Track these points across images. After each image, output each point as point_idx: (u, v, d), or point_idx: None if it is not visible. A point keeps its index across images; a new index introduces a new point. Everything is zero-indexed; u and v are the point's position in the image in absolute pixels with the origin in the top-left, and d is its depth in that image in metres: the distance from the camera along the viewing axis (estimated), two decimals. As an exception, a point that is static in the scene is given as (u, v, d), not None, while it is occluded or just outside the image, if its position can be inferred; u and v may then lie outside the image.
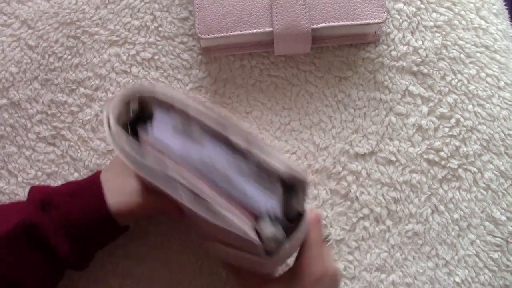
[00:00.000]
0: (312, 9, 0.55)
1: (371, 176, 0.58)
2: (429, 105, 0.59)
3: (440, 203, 0.58)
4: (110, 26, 0.60)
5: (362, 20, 0.55)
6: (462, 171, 0.58)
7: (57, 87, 0.60)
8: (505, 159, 0.58)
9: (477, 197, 0.58)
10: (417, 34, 0.60)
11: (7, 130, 0.59)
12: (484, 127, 0.59)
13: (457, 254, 0.57)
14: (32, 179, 0.59)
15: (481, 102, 0.59)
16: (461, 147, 0.59)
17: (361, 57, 0.60)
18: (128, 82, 0.60)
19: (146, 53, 0.60)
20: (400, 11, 0.60)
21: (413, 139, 0.59)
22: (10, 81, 0.60)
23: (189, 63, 0.60)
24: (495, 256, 0.57)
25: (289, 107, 0.59)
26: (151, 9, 0.60)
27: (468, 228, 0.58)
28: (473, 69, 0.59)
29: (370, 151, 0.59)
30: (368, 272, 0.57)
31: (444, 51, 0.59)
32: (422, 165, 0.58)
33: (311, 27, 0.55)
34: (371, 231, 0.58)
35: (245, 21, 0.55)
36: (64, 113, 0.60)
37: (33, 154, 0.59)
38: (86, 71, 0.60)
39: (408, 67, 0.59)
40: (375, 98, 0.59)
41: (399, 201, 0.58)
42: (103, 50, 0.60)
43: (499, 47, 0.59)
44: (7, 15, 0.60)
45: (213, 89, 0.59)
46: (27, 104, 0.60)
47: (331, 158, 0.59)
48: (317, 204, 0.58)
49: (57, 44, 0.60)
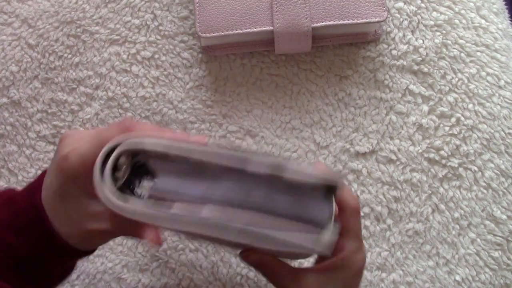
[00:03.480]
0: (312, 8, 0.55)
1: (372, 175, 0.58)
2: (430, 104, 0.59)
3: (440, 202, 0.58)
4: (110, 25, 0.60)
5: (363, 19, 0.55)
6: (463, 170, 0.58)
7: (58, 86, 0.60)
8: (505, 158, 0.58)
9: (477, 196, 0.58)
10: (418, 33, 0.60)
11: (7, 129, 0.59)
12: (484, 126, 0.59)
13: (457, 253, 0.57)
14: (32, 178, 0.59)
15: (482, 101, 0.59)
16: (461, 146, 0.59)
17: (361, 56, 0.60)
18: (128, 81, 0.59)
19: (147, 52, 0.60)
20: (401, 10, 0.60)
21: (413, 138, 0.59)
22: (11, 80, 0.60)
23: (190, 61, 0.60)
24: (496, 255, 0.57)
25: (289, 106, 0.59)
26: (152, 8, 0.60)
27: (468, 227, 0.58)
28: (473, 68, 0.59)
29: (371, 150, 0.59)
30: (369, 271, 0.57)
31: (444, 50, 0.59)
32: (423, 164, 0.58)
33: (312, 25, 0.55)
34: (371, 230, 0.58)
35: (245, 20, 0.55)
36: (65, 112, 0.60)
37: (34, 153, 0.59)
38: (86, 70, 0.60)
39: (408, 66, 0.59)
40: (375, 97, 0.59)
41: (400, 200, 0.58)
42: (104, 49, 0.60)
43: (500, 46, 0.60)
44: (8, 14, 0.60)
45: (214, 87, 0.59)
46: (28, 103, 0.60)
47: (331, 157, 0.59)
48: (317, 203, 0.58)
49: (57, 43, 0.60)
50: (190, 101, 0.59)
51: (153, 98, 0.59)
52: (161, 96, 0.59)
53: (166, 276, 0.57)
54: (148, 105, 0.59)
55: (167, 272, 0.57)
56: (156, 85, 0.59)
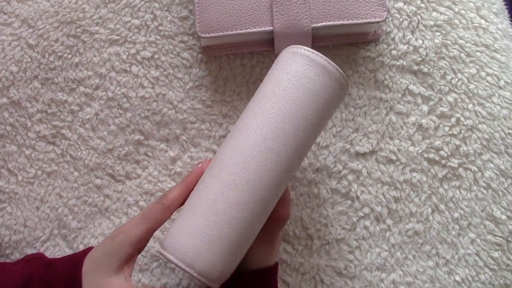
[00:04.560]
0: (312, 8, 0.55)
1: (372, 175, 0.58)
2: (430, 104, 0.59)
3: (440, 202, 0.58)
4: (110, 25, 0.60)
5: (363, 19, 0.55)
6: (463, 170, 0.58)
7: (57, 86, 0.60)
8: (505, 158, 0.58)
9: (477, 196, 0.58)
10: (417, 33, 0.60)
11: (7, 129, 0.59)
12: (484, 126, 0.59)
13: (457, 253, 0.57)
14: (32, 178, 0.59)
15: (481, 101, 0.59)
16: (461, 146, 0.59)
17: (361, 56, 0.60)
18: (128, 81, 0.59)
19: (146, 52, 0.60)
20: (400, 10, 0.60)
21: (413, 138, 0.59)
22: (10, 80, 0.60)
23: (189, 62, 0.60)
24: (496, 255, 0.57)
25: (289, 106, 0.59)
26: (151, 8, 0.60)
27: (468, 227, 0.58)
28: (473, 68, 0.59)
29: (371, 150, 0.59)
30: (369, 271, 0.57)
31: (444, 50, 0.59)
32: (423, 164, 0.58)
33: (312, 26, 0.55)
34: (371, 230, 0.58)
35: (245, 20, 0.55)
36: (64, 112, 0.60)
37: (33, 153, 0.59)
38: (86, 70, 0.60)
39: (408, 66, 0.59)
40: (375, 97, 0.59)
41: (400, 200, 0.58)
42: (103, 49, 0.60)
43: (499, 46, 0.60)
44: (7, 14, 0.60)
45: (214, 87, 0.59)
46: (27, 103, 0.60)
47: (331, 157, 0.59)
48: (317, 203, 0.58)
49: (57, 43, 0.60)
50: (190, 101, 0.59)
51: (153, 98, 0.59)
52: (161, 96, 0.59)
53: (166, 276, 0.57)
54: (148, 105, 0.59)
55: (167, 272, 0.57)
56: (156, 85, 0.59)
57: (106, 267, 0.44)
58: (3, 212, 0.59)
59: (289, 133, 0.44)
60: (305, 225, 0.58)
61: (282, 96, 0.44)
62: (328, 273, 0.57)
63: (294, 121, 0.44)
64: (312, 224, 0.58)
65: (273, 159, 0.43)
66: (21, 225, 0.58)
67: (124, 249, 0.45)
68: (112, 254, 0.45)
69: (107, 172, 0.59)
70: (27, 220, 0.58)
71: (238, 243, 0.43)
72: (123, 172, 0.59)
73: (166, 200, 0.46)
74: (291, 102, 0.44)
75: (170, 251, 0.43)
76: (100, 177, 0.59)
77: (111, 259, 0.44)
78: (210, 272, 0.43)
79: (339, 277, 0.57)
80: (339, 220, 0.58)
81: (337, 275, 0.57)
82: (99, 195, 0.59)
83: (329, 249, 0.58)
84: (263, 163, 0.43)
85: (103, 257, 0.45)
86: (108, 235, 0.46)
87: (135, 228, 0.45)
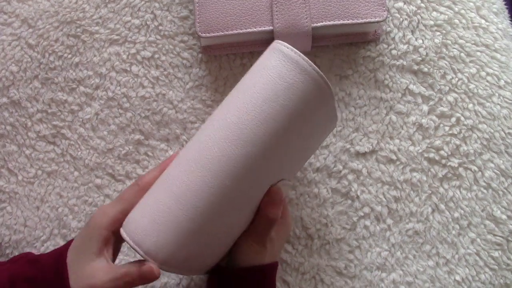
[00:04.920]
0: (312, 8, 0.55)
1: (372, 174, 0.58)
2: (430, 104, 0.59)
3: (440, 201, 0.58)
4: (110, 25, 0.60)
5: (363, 18, 0.55)
6: (463, 169, 0.58)
7: (57, 86, 0.60)
8: (505, 157, 0.58)
9: (477, 195, 0.58)
10: (418, 33, 0.60)
11: (7, 128, 0.59)
12: (484, 126, 0.59)
13: (457, 252, 0.57)
14: (32, 177, 0.59)
15: (482, 101, 0.59)
16: (461, 146, 0.59)
17: (361, 56, 0.60)
18: (128, 80, 0.59)
19: (146, 51, 0.60)
20: (400, 10, 0.60)
21: (413, 137, 0.59)
22: (11, 80, 0.60)
23: (190, 61, 0.60)
24: (496, 254, 0.57)
25: (289, 106, 0.59)
26: (151, 8, 0.60)
27: (468, 226, 0.58)
28: (473, 68, 0.59)
29: (371, 150, 0.59)
30: (369, 271, 0.57)
31: (444, 50, 0.59)
32: (423, 164, 0.58)
33: (312, 25, 0.55)
34: (371, 230, 0.58)
35: (245, 20, 0.55)
36: (64, 112, 0.60)
37: (33, 152, 0.59)
38: (86, 70, 0.60)
39: (408, 66, 0.59)
40: (375, 97, 0.59)
41: (400, 200, 0.58)
42: (103, 49, 0.60)
43: (499, 46, 0.60)
44: (8, 14, 0.60)
45: (214, 87, 0.59)
46: (27, 103, 0.60)
47: (332, 157, 0.59)
48: (317, 203, 0.58)
49: (57, 43, 0.60)
50: (190, 101, 0.59)
51: (153, 98, 0.59)
52: (161, 96, 0.59)
53: (166, 276, 0.57)
54: (148, 105, 0.59)
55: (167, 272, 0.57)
56: (156, 85, 0.59)
57: (86, 253, 0.45)
58: (3, 212, 0.59)
59: (253, 127, 0.43)
60: (305, 225, 0.58)
61: (250, 88, 0.44)
62: (328, 273, 0.57)
63: (257, 115, 0.43)
64: (312, 224, 0.58)
65: (232, 151, 0.43)
66: (21, 224, 0.58)
67: (99, 231, 0.45)
68: (89, 239, 0.45)
69: (107, 172, 0.59)
70: (27, 220, 0.58)
71: (192, 228, 0.43)
72: (123, 172, 0.59)
73: (141, 182, 0.47)
74: (256, 96, 0.44)
75: (125, 229, 0.45)
76: (100, 177, 0.59)
77: (89, 244, 0.45)
78: (156, 253, 0.43)
79: (339, 276, 0.57)
80: (339, 220, 0.58)
81: (337, 274, 0.57)
82: (99, 195, 0.59)
83: (329, 248, 0.58)
84: (221, 153, 0.43)
85: (82, 244, 0.46)
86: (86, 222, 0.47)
87: (110, 210, 0.46)
